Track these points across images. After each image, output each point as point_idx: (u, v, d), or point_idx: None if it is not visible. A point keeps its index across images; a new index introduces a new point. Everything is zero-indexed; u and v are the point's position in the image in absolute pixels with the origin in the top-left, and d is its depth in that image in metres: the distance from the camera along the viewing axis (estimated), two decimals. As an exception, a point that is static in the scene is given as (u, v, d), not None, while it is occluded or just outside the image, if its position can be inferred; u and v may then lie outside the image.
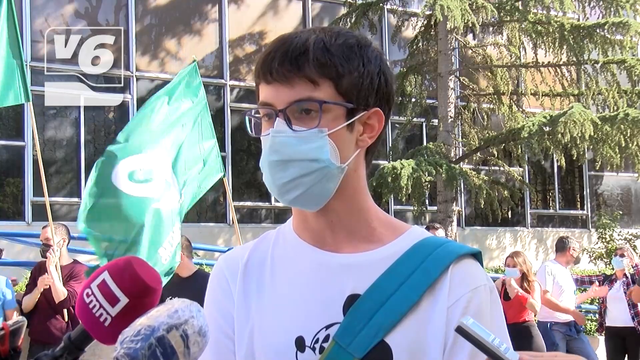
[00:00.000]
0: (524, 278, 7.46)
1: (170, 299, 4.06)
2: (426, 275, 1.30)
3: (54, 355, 1.05)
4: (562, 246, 7.92)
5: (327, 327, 1.29)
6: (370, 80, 1.32)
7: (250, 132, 1.39)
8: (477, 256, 1.37)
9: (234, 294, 1.37)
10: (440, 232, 7.21)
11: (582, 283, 8.71)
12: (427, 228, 7.21)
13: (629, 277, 8.02)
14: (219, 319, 1.36)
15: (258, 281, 1.38)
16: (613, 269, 8.60)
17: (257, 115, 1.37)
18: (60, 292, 6.09)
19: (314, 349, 1.29)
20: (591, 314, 10.31)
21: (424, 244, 1.35)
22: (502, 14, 13.06)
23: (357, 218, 1.36)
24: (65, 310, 6.19)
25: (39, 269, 6.35)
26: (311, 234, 1.37)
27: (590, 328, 10.29)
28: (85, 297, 1.06)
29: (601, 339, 10.29)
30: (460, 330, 1.12)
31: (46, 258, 6.25)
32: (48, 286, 6.13)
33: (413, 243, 1.35)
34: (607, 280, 8.23)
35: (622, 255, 8.04)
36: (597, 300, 8.96)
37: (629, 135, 12.07)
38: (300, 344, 1.30)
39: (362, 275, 1.31)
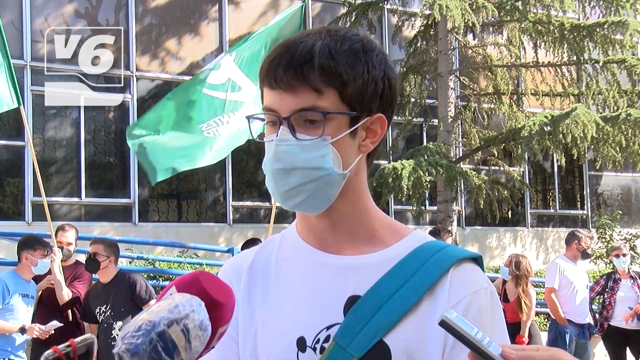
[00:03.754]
0: (519, 282, 7.41)
1: (102, 306, 4.07)
2: (426, 277, 1.31)
3: None
4: (567, 240, 7.93)
5: (328, 327, 1.31)
6: (374, 86, 1.32)
7: (251, 135, 1.40)
8: (477, 260, 1.39)
9: (238, 297, 1.38)
10: (449, 240, 7.10)
11: (598, 294, 8.45)
12: (439, 231, 7.12)
13: (636, 277, 7.98)
14: None
15: (262, 284, 1.40)
16: (613, 268, 8.53)
17: (261, 119, 1.37)
18: (64, 294, 6.08)
19: (314, 349, 1.30)
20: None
21: (425, 248, 1.36)
22: (502, 14, 13.05)
23: (359, 220, 1.37)
24: (69, 311, 6.19)
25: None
26: (314, 236, 1.39)
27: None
28: None
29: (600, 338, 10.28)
30: (444, 324, 1.12)
31: (64, 260, 6.29)
32: (52, 285, 6.13)
33: (414, 246, 1.36)
34: (611, 280, 8.16)
35: (624, 255, 8.01)
36: (598, 300, 8.87)
37: (630, 135, 12.05)
38: (301, 344, 1.31)
39: (363, 277, 1.33)
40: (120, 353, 1.01)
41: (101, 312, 5.95)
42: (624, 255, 8.00)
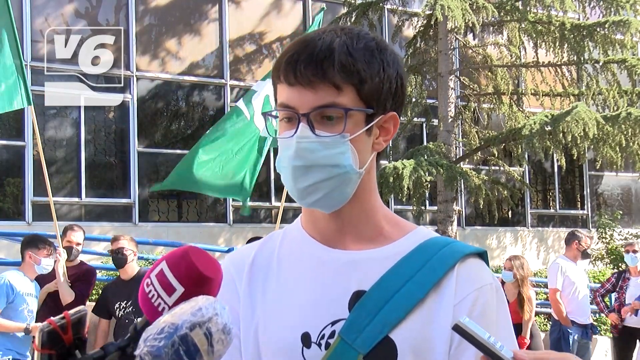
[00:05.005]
0: (524, 282, 7.40)
1: (124, 302, 4.12)
2: (432, 273, 1.31)
3: (120, 345, 1.07)
4: (567, 240, 7.91)
5: (333, 323, 1.30)
6: (389, 84, 1.33)
7: (268, 133, 1.40)
8: (482, 256, 1.39)
9: (239, 292, 1.38)
10: None
11: (608, 292, 8.45)
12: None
13: None
14: None
15: (264, 279, 1.39)
16: (613, 267, 8.52)
17: (275, 116, 1.36)
18: (67, 295, 6.06)
19: (319, 345, 1.30)
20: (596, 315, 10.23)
21: (430, 244, 1.36)
22: (502, 14, 13.05)
23: (366, 218, 1.37)
24: None
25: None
26: (320, 232, 1.38)
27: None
28: (145, 286, 1.08)
29: (600, 338, 10.29)
30: (458, 329, 1.14)
31: (72, 260, 6.28)
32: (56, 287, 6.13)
33: (419, 242, 1.36)
34: (620, 278, 8.13)
35: (634, 252, 7.95)
36: (607, 299, 8.83)
37: (630, 134, 12.05)
38: (306, 340, 1.31)
39: (367, 272, 1.33)
40: (142, 355, 1.00)
41: (121, 307, 6.03)
42: (635, 252, 7.93)
